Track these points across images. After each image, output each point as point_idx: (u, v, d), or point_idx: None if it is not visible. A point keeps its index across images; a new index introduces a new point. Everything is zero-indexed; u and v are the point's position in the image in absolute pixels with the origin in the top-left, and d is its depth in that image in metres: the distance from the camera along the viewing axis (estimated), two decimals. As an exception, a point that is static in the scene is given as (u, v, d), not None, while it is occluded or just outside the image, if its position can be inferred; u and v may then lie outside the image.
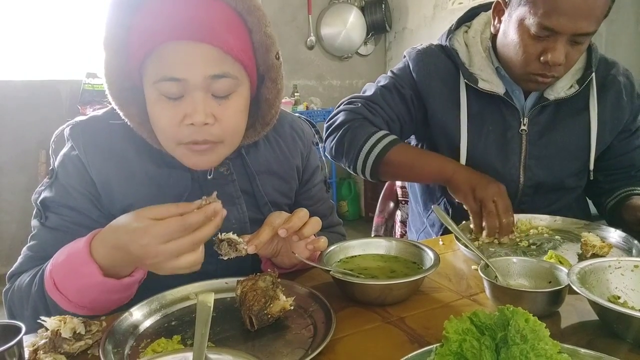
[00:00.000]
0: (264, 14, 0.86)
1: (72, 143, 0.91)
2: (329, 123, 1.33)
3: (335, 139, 1.29)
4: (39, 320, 0.67)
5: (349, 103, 1.33)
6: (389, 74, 1.37)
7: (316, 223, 0.86)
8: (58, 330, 0.66)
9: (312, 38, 4.45)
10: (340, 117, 1.30)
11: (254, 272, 0.81)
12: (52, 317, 0.68)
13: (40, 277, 0.81)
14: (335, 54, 4.60)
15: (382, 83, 1.34)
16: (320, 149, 1.17)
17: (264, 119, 0.95)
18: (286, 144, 1.05)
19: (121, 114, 0.87)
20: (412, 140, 1.45)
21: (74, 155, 0.90)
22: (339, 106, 1.35)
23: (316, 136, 1.14)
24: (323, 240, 0.87)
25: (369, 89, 1.35)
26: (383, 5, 4.46)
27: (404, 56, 1.37)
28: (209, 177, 0.94)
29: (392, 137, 1.23)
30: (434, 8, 4.15)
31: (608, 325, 0.70)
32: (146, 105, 0.86)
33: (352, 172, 1.31)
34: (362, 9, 4.56)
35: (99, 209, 0.90)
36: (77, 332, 0.66)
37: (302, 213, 0.85)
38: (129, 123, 0.88)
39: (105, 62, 0.84)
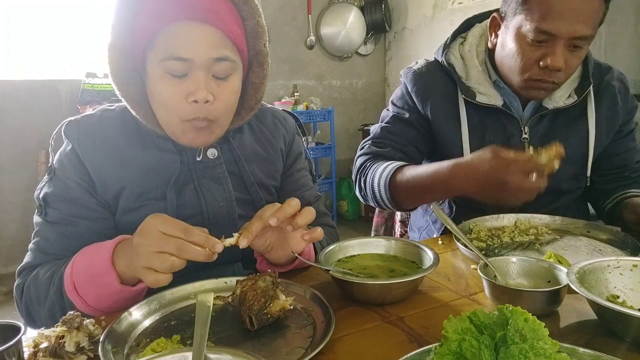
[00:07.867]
0: (257, 5, 0.94)
1: (67, 138, 0.95)
2: (353, 174, 1.37)
3: (357, 185, 1.33)
4: (41, 331, 0.67)
5: (361, 149, 1.37)
6: (389, 106, 1.39)
7: (310, 212, 0.84)
8: (62, 339, 0.65)
9: (312, 38, 4.45)
10: (357, 163, 1.34)
11: (254, 272, 0.81)
12: (60, 323, 0.67)
13: (59, 278, 0.84)
14: (335, 54, 4.60)
15: (384, 121, 1.37)
16: (304, 141, 1.21)
17: (249, 103, 1.01)
18: (269, 130, 1.11)
19: (119, 94, 0.92)
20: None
21: (70, 149, 0.95)
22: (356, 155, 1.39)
23: (298, 129, 1.19)
24: (319, 230, 0.86)
25: (373, 131, 1.39)
26: (383, 5, 4.46)
27: (401, 76, 1.38)
28: (197, 159, 0.98)
29: (395, 164, 1.20)
30: (434, 8, 4.15)
31: (607, 325, 0.71)
32: (145, 85, 0.92)
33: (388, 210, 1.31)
34: (362, 9, 4.56)
35: (95, 197, 0.94)
36: (81, 345, 0.66)
37: (294, 202, 0.83)
38: (126, 104, 0.93)
39: (110, 44, 0.89)
